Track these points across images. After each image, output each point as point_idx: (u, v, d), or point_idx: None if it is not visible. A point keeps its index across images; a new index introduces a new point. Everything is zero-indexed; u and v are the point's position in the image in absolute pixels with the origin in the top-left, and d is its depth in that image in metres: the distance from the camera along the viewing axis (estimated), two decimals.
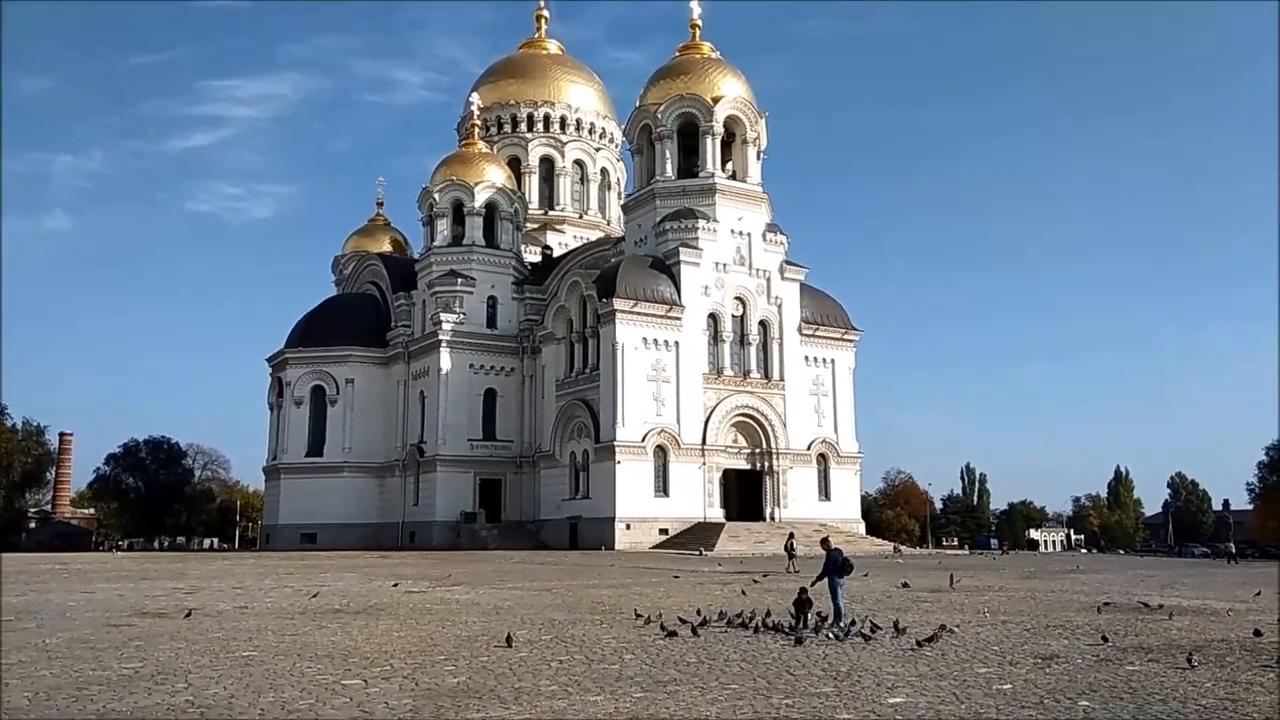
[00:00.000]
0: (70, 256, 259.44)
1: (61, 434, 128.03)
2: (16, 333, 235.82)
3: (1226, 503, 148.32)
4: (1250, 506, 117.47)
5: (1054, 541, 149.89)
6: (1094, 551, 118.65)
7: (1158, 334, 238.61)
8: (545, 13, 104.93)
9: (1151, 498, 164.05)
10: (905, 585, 30.67)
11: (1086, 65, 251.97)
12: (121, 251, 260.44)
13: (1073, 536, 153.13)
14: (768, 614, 19.35)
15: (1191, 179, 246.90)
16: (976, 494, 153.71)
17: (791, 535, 43.22)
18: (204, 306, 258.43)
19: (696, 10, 79.30)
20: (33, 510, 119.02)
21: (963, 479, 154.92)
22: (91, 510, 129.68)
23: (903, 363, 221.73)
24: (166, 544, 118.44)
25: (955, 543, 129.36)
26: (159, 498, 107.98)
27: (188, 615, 20.13)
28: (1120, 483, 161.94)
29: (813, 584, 19.07)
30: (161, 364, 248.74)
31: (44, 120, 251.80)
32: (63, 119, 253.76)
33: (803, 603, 18.27)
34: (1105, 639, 16.60)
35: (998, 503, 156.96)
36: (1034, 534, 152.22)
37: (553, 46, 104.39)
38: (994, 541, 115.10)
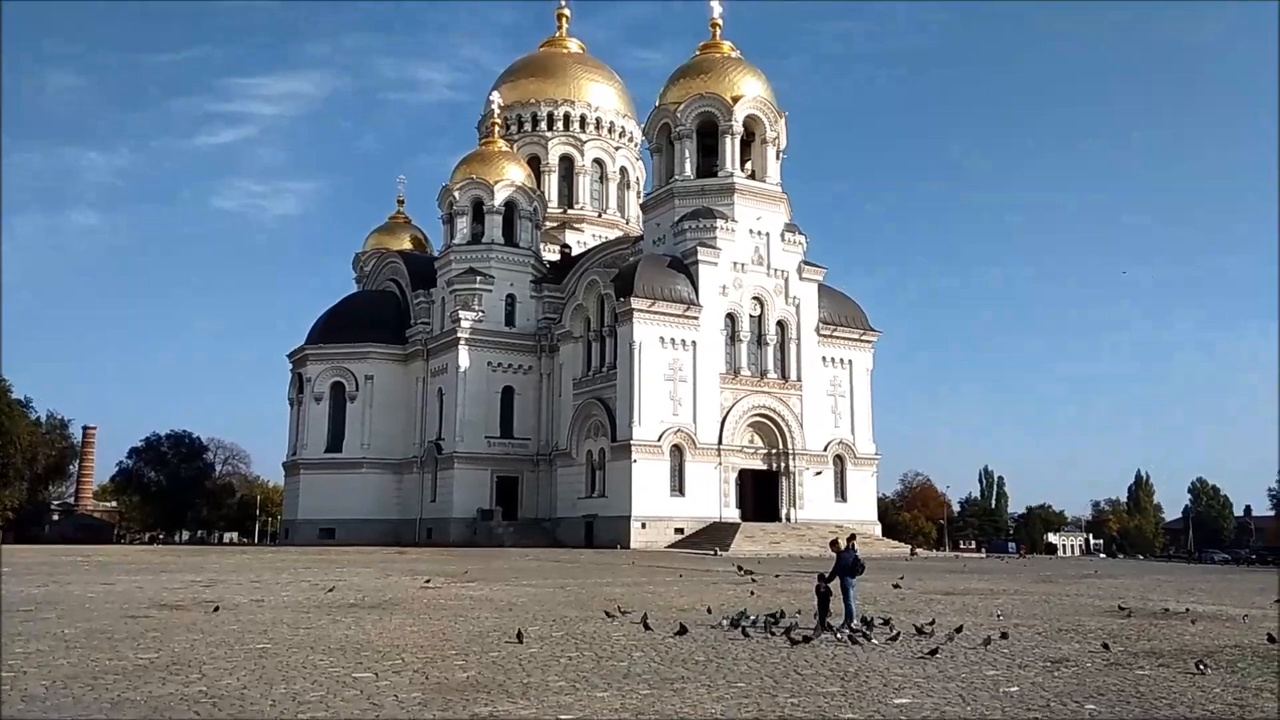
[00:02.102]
0: (97, 252, 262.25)
1: (85, 428, 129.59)
2: (43, 327, 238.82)
3: (1248, 509, 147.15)
4: (1272, 513, 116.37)
5: (1072, 546, 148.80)
6: (1113, 556, 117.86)
7: (1180, 337, 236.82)
8: (566, 12, 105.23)
9: (1172, 503, 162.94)
10: (897, 586, 30.72)
11: (1111, 62, 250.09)
12: (147, 248, 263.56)
13: (1091, 541, 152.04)
14: (780, 614, 19.38)
15: (1217, 179, 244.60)
16: (994, 497, 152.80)
17: (853, 536, 43.22)
18: (227, 302, 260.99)
19: (717, 10, 79.35)
20: (56, 503, 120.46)
21: (981, 482, 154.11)
22: (113, 503, 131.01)
23: (921, 364, 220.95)
24: (187, 538, 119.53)
25: (973, 546, 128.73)
26: (180, 492, 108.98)
27: (215, 610, 20.33)
28: (1140, 487, 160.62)
29: (828, 580, 19.03)
30: (184, 359, 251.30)
31: (73, 117, 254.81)
32: (91, 116, 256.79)
33: (825, 596, 18.23)
34: (1106, 646, 16.52)
35: (1016, 506, 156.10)
36: (1052, 538, 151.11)
37: (573, 46, 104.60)
38: (1011, 545, 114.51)
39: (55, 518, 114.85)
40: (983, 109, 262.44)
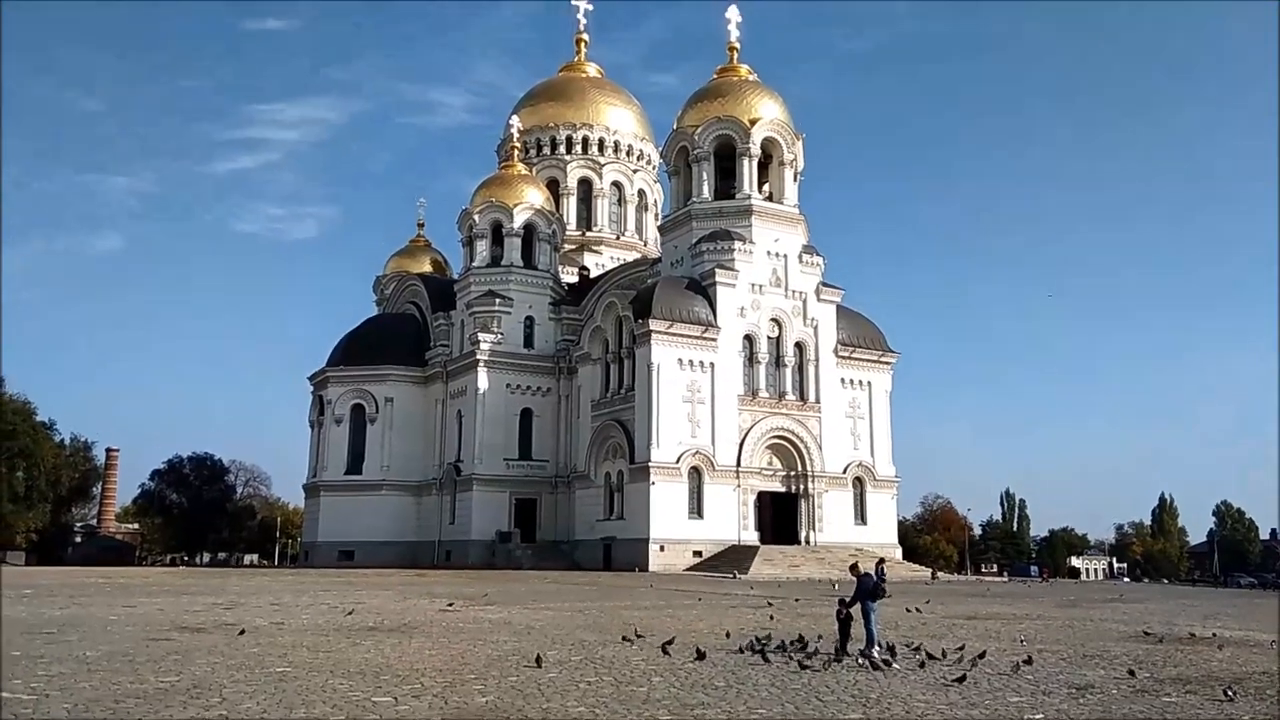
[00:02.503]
0: (120, 275, 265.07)
1: (108, 450, 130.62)
2: (68, 349, 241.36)
3: (1274, 532, 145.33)
4: None
5: (1096, 569, 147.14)
6: (1137, 580, 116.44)
7: (1205, 358, 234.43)
8: (585, 37, 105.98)
9: (1196, 526, 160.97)
10: (917, 610, 30.42)
11: (1133, 76, 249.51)
12: (169, 271, 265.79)
13: (1115, 564, 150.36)
14: (802, 639, 19.26)
15: (1240, 192, 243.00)
16: (1016, 520, 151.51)
17: (881, 561, 43.32)
18: (249, 326, 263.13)
19: (734, 33, 79.74)
20: (79, 524, 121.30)
21: (1002, 505, 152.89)
22: (136, 525, 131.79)
23: (941, 386, 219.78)
24: (208, 559, 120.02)
25: (995, 569, 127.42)
26: (201, 514, 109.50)
27: (241, 633, 20.38)
28: (1165, 510, 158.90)
29: (849, 605, 18.90)
30: (208, 382, 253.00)
31: (98, 142, 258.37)
32: (117, 141, 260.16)
33: (846, 621, 18.13)
34: (1132, 673, 16.31)
35: (1038, 529, 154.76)
36: (1075, 561, 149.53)
37: (592, 70, 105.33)
38: (1034, 569, 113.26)
39: (78, 539, 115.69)
40: (1009, 125, 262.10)
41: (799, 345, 72.80)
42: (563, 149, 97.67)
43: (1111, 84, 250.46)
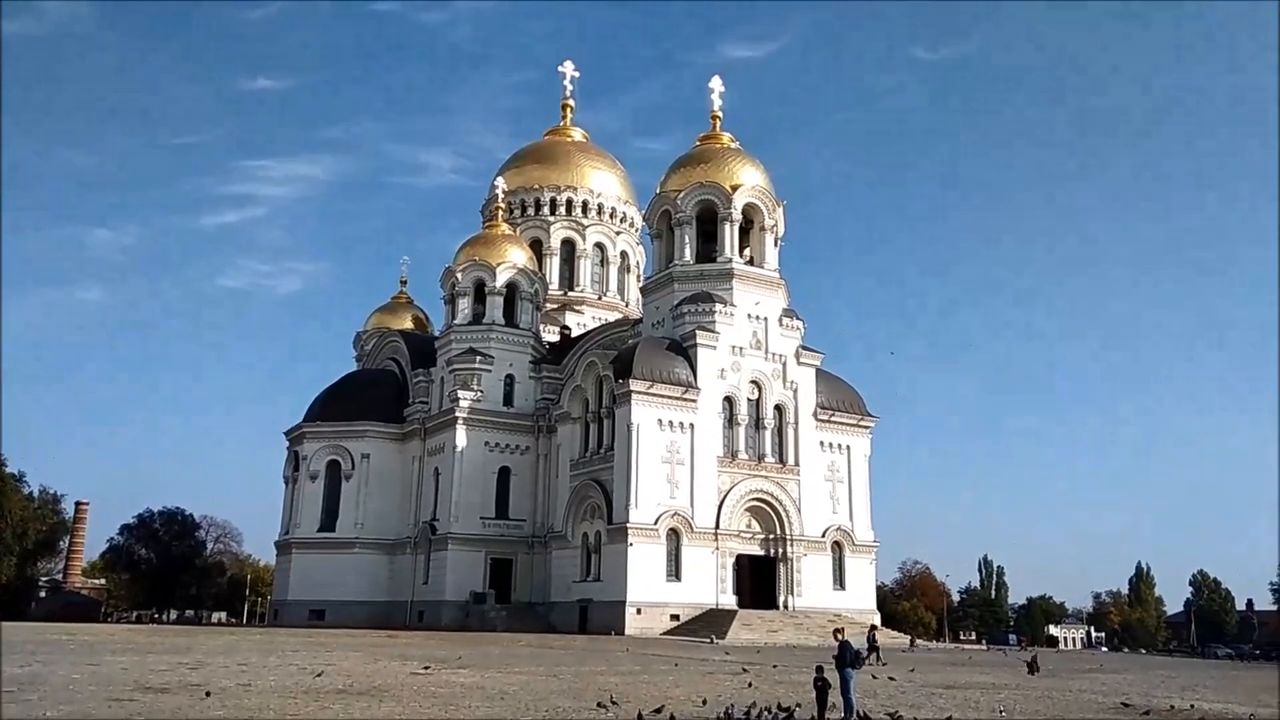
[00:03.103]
0: (98, 328, 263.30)
1: (78, 503, 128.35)
2: (39, 400, 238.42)
3: (1250, 603, 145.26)
4: (1274, 607, 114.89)
5: (1074, 638, 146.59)
6: (1115, 650, 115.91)
7: (1182, 427, 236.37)
8: (571, 102, 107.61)
9: (1173, 595, 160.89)
10: (892, 678, 30.15)
11: (1112, 140, 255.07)
12: (150, 324, 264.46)
13: (1093, 633, 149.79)
14: (782, 707, 19.02)
15: (1224, 261, 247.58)
16: (994, 587, 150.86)
17: (874, 627, 43.93)
18: (228, 380, 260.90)
19: (717, 101, 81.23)
20: (44, 579, 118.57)
21: (980, 571, 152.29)
22: (102, 580, 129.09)
23: (919, 451, 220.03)
24: (175, 616, 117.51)
25: (973, 636, 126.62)
26: (170, 569, 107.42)
27: (207, 695, 19.90)
28: (1141, 579, 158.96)
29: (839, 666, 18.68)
30: (182, 436, 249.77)
31: (84, 195, 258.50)
32: (102, 194, 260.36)
33: (824, 689, 17.97)
34: None
35: (1016, 596, 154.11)
36: (1053, 630, 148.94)
37: (577, 134, 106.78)
38: (1012, 636, 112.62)
39: (43, 594, 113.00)
40: (980, 193, 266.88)
41: (778, 408, 72.96)
42: (547, 210, 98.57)
43: (1092, 154, 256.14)
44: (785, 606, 68.91)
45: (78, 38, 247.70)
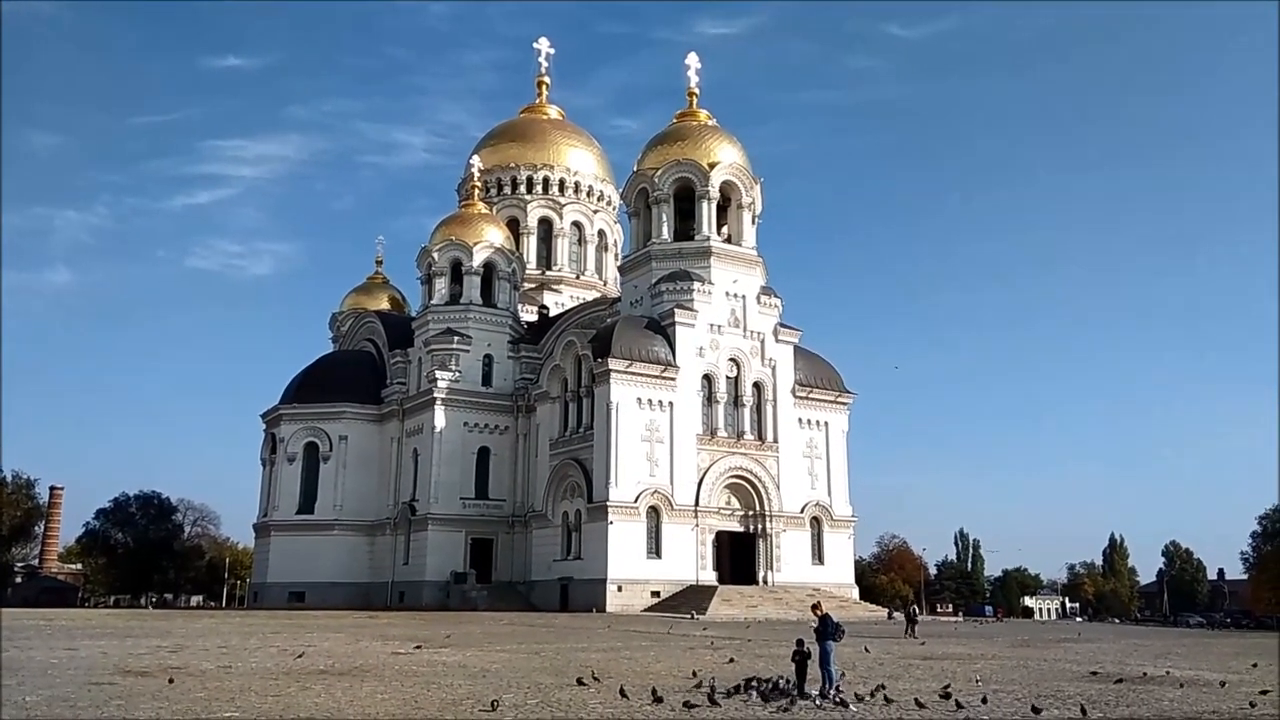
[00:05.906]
0: (68, 310, 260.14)
1: (52, 488, 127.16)
2: (11, 385, 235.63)
3: (1221, 572, 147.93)
4: (1244, 576, 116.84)
5: (1049, 609, 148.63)
6: (1090, 620, 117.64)
7: (1154, 400, 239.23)
8: (546, 79, 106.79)
9: (1146, 566, 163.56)
10: (866, 649, 30.45)
11: (1088, 121, 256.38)
12: (121, 307, 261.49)
13: (1068, 604, 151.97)
14: (754, 679, 19.18)
15: (1194, 240, 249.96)
16: (971, 560, 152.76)
17: (912, 603, 44.35)
18: (202, 363, 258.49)
19: (694, 79, 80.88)
20: (20, 565, 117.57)
21: (957, 544, 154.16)
22: (79, 565, 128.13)
23: (896, 426, 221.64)
24: (153, 601, 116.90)
25: (950, 609, 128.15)
26: (147, 553, 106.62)
27: (170, 681, 19.82)
28: (1115, 550, 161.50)
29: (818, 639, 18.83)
30: (158, 419, 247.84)
31: (51, 176, 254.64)
32: (70, 175, 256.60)
33: (802, 661, 18.12)
34: (1084, 711, 16.47)
35: (992, 569, 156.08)
36: (1029, 601, 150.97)
37: (553, 112, 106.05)
38: (988, 608, 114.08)
39: (18, 580, 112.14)
40: (958, 170, 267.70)
41: (757, 385, 73.20)
42: (523, 189, 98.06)
43: (1075, 126, 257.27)
44: (765, 582, 69.46)
45: (43, 17, 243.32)
